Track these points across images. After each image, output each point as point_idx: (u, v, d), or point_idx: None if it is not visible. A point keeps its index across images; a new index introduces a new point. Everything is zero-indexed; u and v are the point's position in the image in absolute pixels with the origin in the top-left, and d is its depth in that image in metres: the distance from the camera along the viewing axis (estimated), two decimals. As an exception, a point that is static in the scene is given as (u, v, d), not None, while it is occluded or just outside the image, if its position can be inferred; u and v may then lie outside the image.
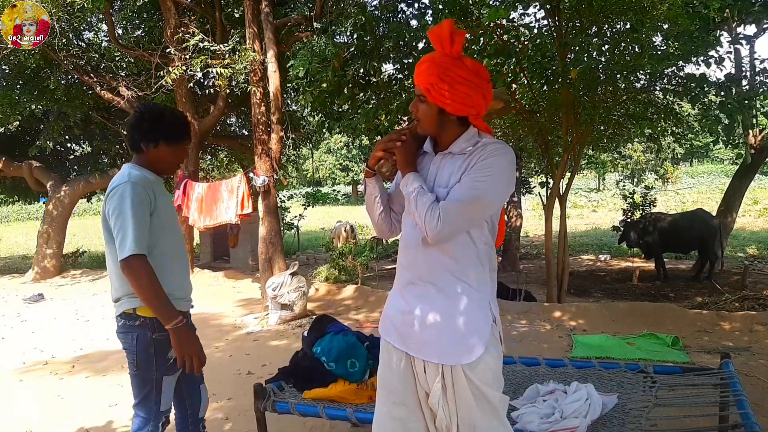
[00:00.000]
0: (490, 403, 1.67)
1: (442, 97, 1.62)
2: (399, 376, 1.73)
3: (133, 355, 2.10)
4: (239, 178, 8.05)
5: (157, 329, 2.07)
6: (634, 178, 28.31)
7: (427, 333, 1.67)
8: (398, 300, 1.77)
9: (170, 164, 2.19)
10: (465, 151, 1.67)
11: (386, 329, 1.79)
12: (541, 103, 7.02)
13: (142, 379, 2.13)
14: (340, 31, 7.00)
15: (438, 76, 1.60)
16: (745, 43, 7.12)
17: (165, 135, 2.11)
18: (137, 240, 1.94)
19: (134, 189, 1.99)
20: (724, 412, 2.46)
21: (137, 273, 1.95)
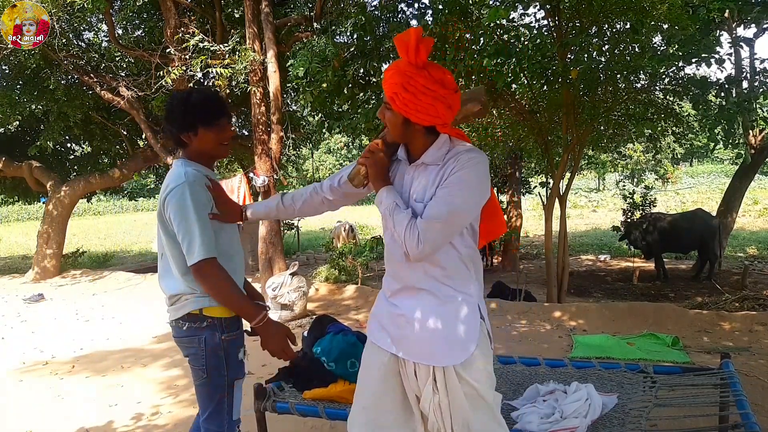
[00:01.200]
0: (485, 402, 1.68)
1: (405, 107, 1.59)
2: (380, 379, 1.73)
3: (202, 360, 1.94)
4: (239, 178, 8.05)
5: (226, 329, 1.96)
6: (634, 178, 28.31)
7: (418, 335, 1.67)
8: (388, 303, 1.76)
9: (218, 148, 2.02)
10: (438, 161, 1.65)
11: (374, 331, 1.78)
12: (541, 103, 7.02)
13: (212, 386, 1.96)
14: (340, 31, 7.00)
15: (402, 86, 1.57)
16: (745, 44, 7.12)
17: (200, 118, 1.95)
18: (205, 243, 1.84)
19: (193, 190, 1.87)
20: (724, 412, 2.46)
21: (211, 276, 1.86)
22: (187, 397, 4.05)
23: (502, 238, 11.96)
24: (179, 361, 4.87)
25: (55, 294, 9.10)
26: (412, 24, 6.98)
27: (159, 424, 3.55)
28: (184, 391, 4.18)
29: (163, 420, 3.62)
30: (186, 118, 1.95)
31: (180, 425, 3.52)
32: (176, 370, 4.67)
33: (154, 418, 3.64)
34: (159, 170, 13.48)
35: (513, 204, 11.86)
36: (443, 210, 1.58)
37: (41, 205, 14.38)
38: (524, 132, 7.95)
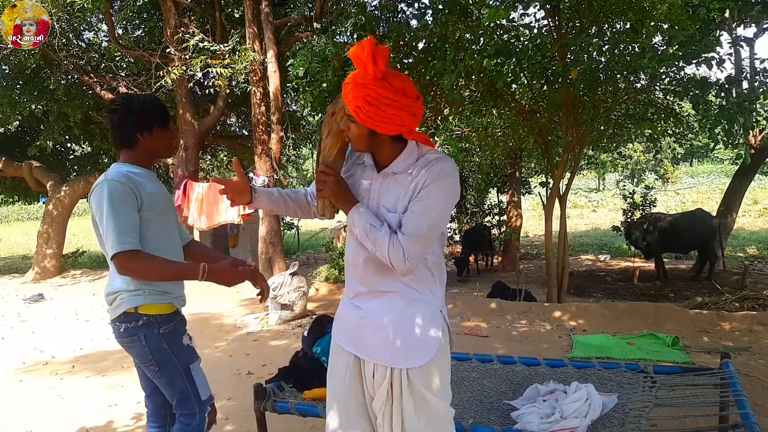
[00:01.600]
0: (434, 412, 1.67)
1: (370, 119, 1.56)
2: (345, 381, 1.74)
3: (149, 356, 2.01)
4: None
5: (162, 324, 2.02)
6: (634, 178, 28.32)
7: (378, 337, 1.68)
8: (351, 305, 1.78)
9: (168, 146, 2.16)
10: (407, 169, 1.64)
11: (338, 333, 1.80)
12: (541, 103, 7.02)
13: (169, 377, 2.04)
14: (340, 31, 7.00)
15: (364, 99, 1.54)
16: (745, 44, 7.12)
17: (157, 119, 2.07)
18: (119, 236, 1.89)
19: (111, 186, 1.93)
20: (724, 412, 2.46)
21: (132, 266, 1.91)
22: (187, 397, 4.05)
23: (502, 238, 11.98)
24: (179, 361, 4.88)
25: (55, 294, 9.10)
26: (412, 24, 6.98)
27: (159, 424, 3.54)
28: (184, 391, 4.18)
29: (163, 420, 3.61)
30: (145, 116, 2.04)
31: (180, 425, 3.52)
32: (176, 370, 4.67)
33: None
34: (159, 170, 13.48)
35: (513, 204, 11.86)
36: (424, 226, 1.59)
37: (41, 205, 14.38)
38: (524, 132, 7.96)
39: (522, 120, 7.34)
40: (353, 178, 1.74)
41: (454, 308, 6.43)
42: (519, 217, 11.94)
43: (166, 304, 2.05)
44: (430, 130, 7.43)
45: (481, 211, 13.29)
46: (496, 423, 2.43)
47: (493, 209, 13.21)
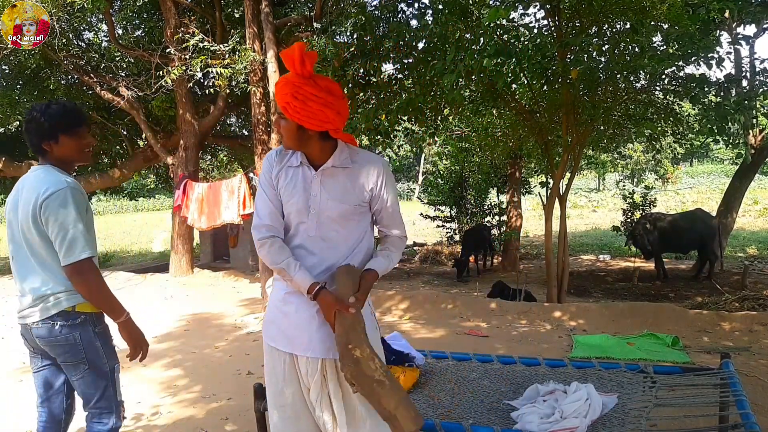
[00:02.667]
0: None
1: (297, 114, 1.70)
2: (284, 380, 1.82)
3: (81, 353, 2.07)
4: (239, 178, 8.05)
5: (97, 322, 2.11)
6: (634, 178, 28.31)
7: (312, 331, 1.78)
8: (281, 304, 1.86)
9: (79, 154, 2.14)
10: (345, 164, 1.81)
11: (272, 335, 1.86)
12: (541, 103, 7.02)
13: (96, 375, 2.10)
14: (340, 31, 7.00)
15: (292, 95, 1.69)
16: (745, 43, 7.13)
17: (62, 127, 2.06)
18: (89, 243, 2.00)
19: (75, 193, 2.00)
20: (724, 412, 2.46)
21: (89, 275, 1.99)
22: (187, 397, 4.05)
23: (502, 238, 11.99)
24: (179, 361, 4.88)
25: (55, 294, 9.08)
26: (412, 24, 6.97)
27: (159, 424, 3.55)
28: (183, 390, 4.18)
29: (163, 420, 3.62)
30: (47, 126, 2.04)
31: (180, 425, 3.53)
32: (176, 370, 4.67)
33: (154, 418, 3.64)
34: (159, 170, 13.49)
35: (513, 204, 11.86)
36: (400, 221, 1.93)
37: (41, 205, 14.35)
38: (524, 132, 7.96)
39: (522, 120, 7.34)
40: (287, 179, 1.83)
41: (454, 308, 6.43)
42: (519, 217, 11.94)
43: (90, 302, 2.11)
44: (430, 130, 7.43)
45: (481, 211, 13.30)
46: (496, 423, 2.43)
47: (493, 209, 13.22)
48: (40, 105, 2.08)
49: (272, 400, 1.87)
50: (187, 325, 6.49)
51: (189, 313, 7.04)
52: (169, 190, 10.46)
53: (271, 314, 1.90)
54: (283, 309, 1.84)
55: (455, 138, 11.67)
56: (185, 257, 10.24)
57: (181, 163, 9.82)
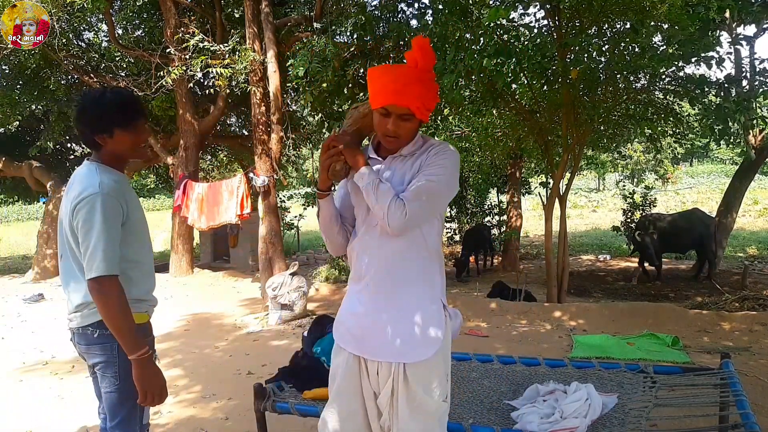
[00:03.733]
0: (425, 410, 1.69)
1: (428, 112, 1.68)
2: (346, 379, 1.77)
3: (114, 368, 1.89)
4: (239, 178, 8.05)
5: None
6: (634, 178, 28.31)
7: (382, 334, 1.70)
8: (353, 304, 1.79)
9: (134, 151, 1.95)
10: (414, 152, 1.74)
11: (342, 336, 1.81)
12: (541, 103, 7.02)
13: (125, 393, 1.90)
14: (340, 31, 7.00)
15: (422, 92, 1.64)
16: (745, 43, 7.12)
17: (117, 120, 1.85)
18: (108, 259, 1.76)
19: (106, 201, 1.79)
20: (724, 412, 2.46)
21: (107, 295, 1.77)
22: (187, 397, 4.05)
23: (502, 238, 11.99)
24: (179, 361, 4.88)
25: (55, 294, 9.09)
26: (412, 24, 6.98)
27: (159, 423, 3.55)
28: (183, 390, 4.18)
29: (163, 420, 3.62)
30: (101, 118, 1.84)
31: (180, 425, 3.53)
32: (176, 370, 4.67)
33: (155, 418, 3.64)
34: (159, 170, 13.49)
35: (513, 204, 11.86)
36: (425, 187, 1.65)
37: (41, 205, 14.38)
38: (524, 132, 7.95)
39: (522, 120, 7.34)
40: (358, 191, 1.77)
41: (454, 308, 6.43)
42: (519, 217, 11.94)
43: (142, 313, 1.95)
44: (430, 130, 7.42)
45: (481, 211, 13.30)
46: (496, 423, 2.43)
47: (493, 209, 13.22)
48: (93, 93, 1.87)
49: (330, 397, 1.82)
50: (187, 325, 6.49)
51: (189, 313, 7.04)
52: (169, 190, 10.48)
53: (341, 314, 1.84)
54: (354, 309, 1.78)
55: (455, 138, 11.66)
56: (185, 257, 10.24)
57: (181, 163, 9.82)
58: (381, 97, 1.64)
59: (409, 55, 1.66)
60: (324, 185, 1.76)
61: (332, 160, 1.72)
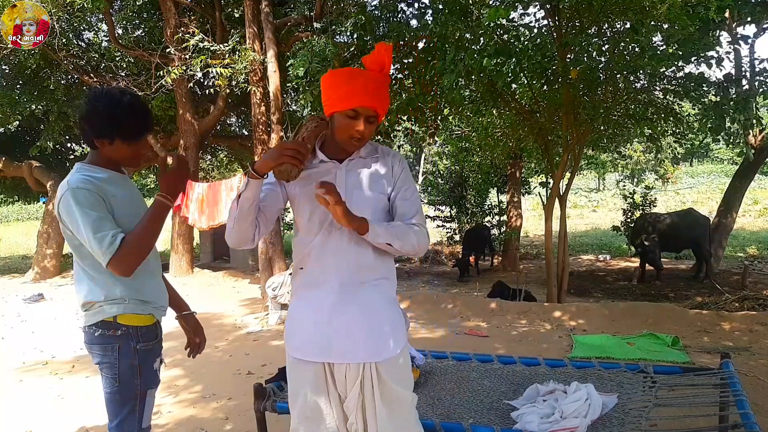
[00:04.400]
0: (404, 402, 1.71)
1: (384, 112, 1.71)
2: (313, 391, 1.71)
3: (115, 369, 1.86)
4: (239, 178, 8.05)
5: (141, 338, 1.89)
6: (634, 178, 28.31)
7: (350, 336, 1.67)
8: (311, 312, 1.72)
9: (129, 161, 1.91)
10: (372, 154, 1.77)
11: (297, 346, 1.73)
12: (541, 103, 7.02)
13: (124, 396, 1.88)
14: (340, 31, 7.00)
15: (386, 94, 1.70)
16: (744, 43, 7.12)
17: (122, 132, 1.82)
18: (104, 243, 1.72)
19: (75, 193, 1.75)
20: (724, 412, 2.46)
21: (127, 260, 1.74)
22: (187, 397, 4.05)
23: (502, 238, 11.99)
24: (179, 361, 4.88)
25: (55, 294, 9.09)
26: (412, 24, 6.97)
27: (159, 423, 3.55)
28: (183, 390, 4.18)
29: (163, 420, 3.62)
30: (107, 125, 1.81)
31: (180, 425, 3.53)
32: (176, 370, 4.67)
33: (155, 418, 3.64)
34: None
35: (513, 204, 11.86)
36: (419, 208, 1.79)
37: (41, 205, 14.39)
38: (524, 132, 7.96)
39: (522, 120, 7.34)
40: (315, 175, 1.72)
41: (454, 308, 6.43)
42: (519, 217, 11.94)
43: (146, 315, 1.92)
44: (430, 130, 7.43)
45: (481, 211, 13.30)
46: (496, 423, 2.43)
47: (493, 209, 13.22)
48: (106, 96, 1.81)
49: (300, 413, 1.74)
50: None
51: (189, 313, 7.04)
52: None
53: (295, 324, 1.76)
54: (313, 317, 1.71)
55: (455, 138, 11.67)
56: (185, 257, 10.25)
57: (181, 163, 9.82)
58: (353, 98, 1.63)
59: (373, 59, 1.67)
60: (263, 171, 1.65)
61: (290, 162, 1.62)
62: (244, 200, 1.66)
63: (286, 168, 1.65)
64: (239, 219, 1.67)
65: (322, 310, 1.70)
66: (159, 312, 2.00)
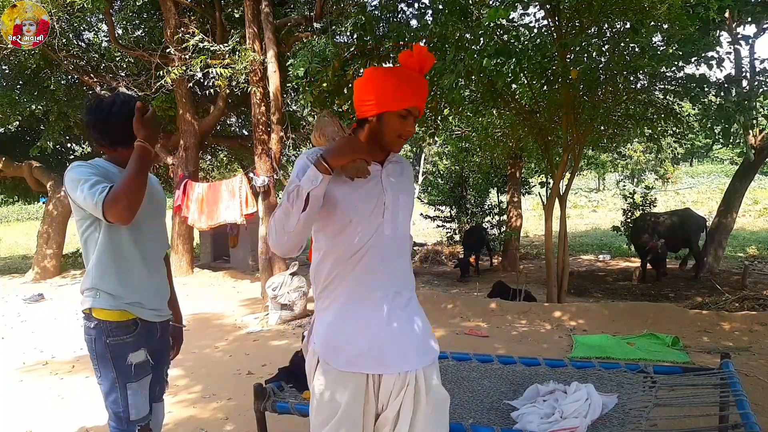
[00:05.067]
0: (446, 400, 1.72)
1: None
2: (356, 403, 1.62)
3: (94, 360, 1.94)
4: (240, 178, 8.06)
5: (111, 335, 1.90)
6: (634, 178, 28.32)
7: (400, 344, 1.63)
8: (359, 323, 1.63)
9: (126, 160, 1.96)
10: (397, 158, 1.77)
11: (352, 361, 1.61)
12: (541, 103, 7.02)
13: (105, 386, 1.95)
14: (340, 31, 7.00)
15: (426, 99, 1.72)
16: (745, 43, 7.12)
17: (116, 140, 1.92)
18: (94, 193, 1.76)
19: (77, 167, 1.85)
20: (724, 412, 2.46)
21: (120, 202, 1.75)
22: (187, 397, 4.05)
23: (502, 238, 11.99)
24: (179, 361, 4.88)
25: (55, 294, 9.09)
26: (412, 24, 6.97)
27: (159, 424, 3.54)
28: (183, 390, 4.18)
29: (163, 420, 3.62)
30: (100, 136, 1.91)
31: (180, 425, 3.53)
32: (176, 370, 4.67)
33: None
34: (159, 170, 13.48)
35: (513, 204, 11.86)
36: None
37: (41, 205, 14.38)
38: (524, 132, 7.95)
39: (522, 120, 7.34)
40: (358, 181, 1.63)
41: (455, 308, 6.43)
42: (519, 217, 11.94)
43: (116, 311, 1.92)
44: (430, 130, 7.43)
45: (481, 211, 13.31)
46: (496, 423, 2.43)
47: (493, 209, 13.23)
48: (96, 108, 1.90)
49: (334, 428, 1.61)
50: (187, 325, 6.47)
51: (189, 313, 7.04)
52: (169, 190, 10.50)
53: (341, 336, 1.63)
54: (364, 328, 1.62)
55: (455, 138, 11.67)
56: (185, 257, 10.24)
57: (181, 163, 9.83)
58: (409, 98, 1.63)
59: (409, 59, 1.65)
60: (336, 166, 1.55)
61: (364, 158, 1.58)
62: (315, 198, 1.53)
63: (361, 164, 1.60)
64: (306, 221, 1.54)
65: (373, 321, 1.63)
66: (134, 309, 1.96)
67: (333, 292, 1.66)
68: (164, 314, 2.08)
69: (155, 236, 2.07)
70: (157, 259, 2.08)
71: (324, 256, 1.67)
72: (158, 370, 2.12)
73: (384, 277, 1.65)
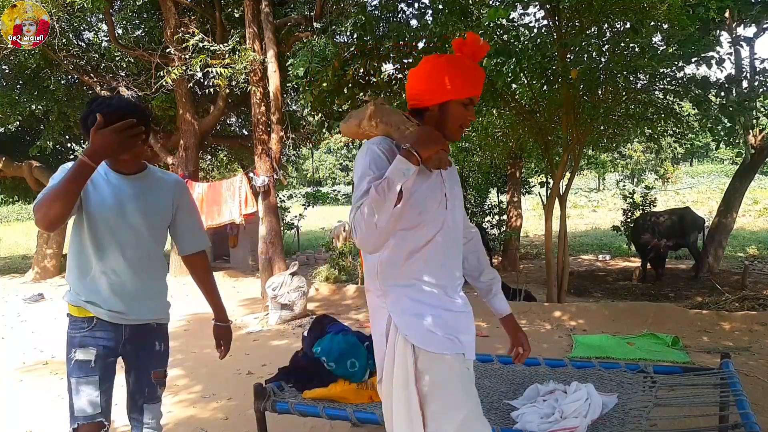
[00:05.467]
0: None
1: None
2: (472, 383, 1.70)
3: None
4: (240, 178, 8.06)
5: (70, 327, 1.97)
6: (634, 178, 28.32)
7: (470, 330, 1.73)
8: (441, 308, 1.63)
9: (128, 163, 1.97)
10: None
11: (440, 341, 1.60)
12: (541, 103, 7.02)
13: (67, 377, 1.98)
14: (340, 31, 7.00)
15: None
16: (745, 44, 7.12)
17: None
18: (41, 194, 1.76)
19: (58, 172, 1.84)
20: (724, 412, 2.46)
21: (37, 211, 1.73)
22: (187, 397, 4.05)
23: (502, 238, 11.99)
24: (179, 361, 4.88)
25: (55, 294, 9.09)
26: (412, 24, 6.97)
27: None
28: (183, 390, 4.18)
29: (163, 420, 3.60)
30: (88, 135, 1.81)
31: (180, 425, 3.53)
32: (176, 369, 4.67)
33: (154, 418, 3.64)
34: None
35: (513, 204, 11.86)
36: None
37: (41, 205, 14.35)
38: (524, 132, 7.95)
39: (522, 120, 7.34)
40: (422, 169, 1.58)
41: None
42: (519, 217, 11.94)
43: (76, 306, 1.97)
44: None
45: (481, 211, 13.30)
46: (496, 423, 2.43)
47: (493, 209, 13.23)
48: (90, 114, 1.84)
49: (471, 414, 1.58)
50: (187, 325, 6.48)
51: (189, 313, 7.04)
52: (169, 190, 10.54)
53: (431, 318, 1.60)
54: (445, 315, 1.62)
55: (455, 138, 11.66)
56: (185, 257, 10.23)
57: (181, 163, 9.83)
58: (473, 86, 1.62)
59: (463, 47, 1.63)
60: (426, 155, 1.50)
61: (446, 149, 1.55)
62: (405, 191, 1.47)
63: (444, 155, 1.57)
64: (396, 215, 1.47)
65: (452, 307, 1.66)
66: (92, 308, 1.95)
67: (407, 286, 1.62)
68: (133, 318, 2.01)
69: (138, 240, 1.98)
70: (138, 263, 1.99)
71: (394, 249, 1.61)
72: (140, 374, 2.12)
73: (451, 266, 1.69)
